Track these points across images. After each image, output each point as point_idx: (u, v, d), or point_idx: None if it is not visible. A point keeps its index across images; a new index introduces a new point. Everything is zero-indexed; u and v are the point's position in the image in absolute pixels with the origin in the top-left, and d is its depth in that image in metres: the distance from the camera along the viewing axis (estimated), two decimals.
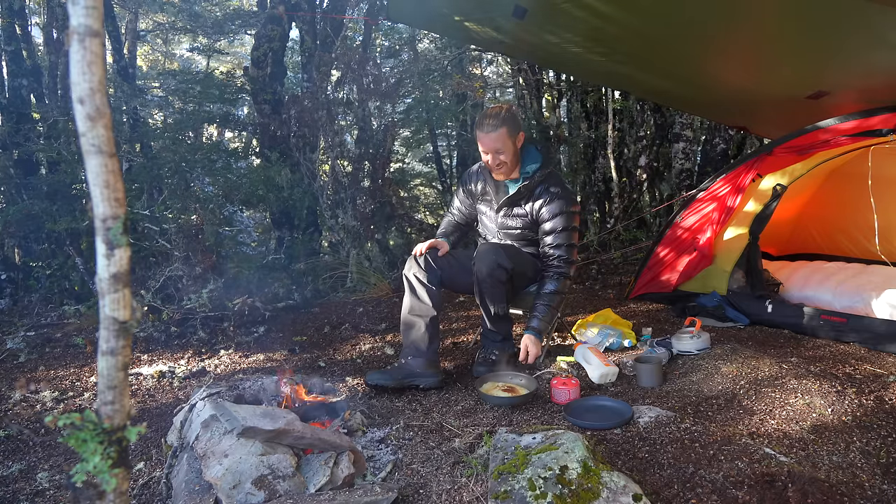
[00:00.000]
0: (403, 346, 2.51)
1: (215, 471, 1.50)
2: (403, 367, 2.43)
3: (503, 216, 2.66)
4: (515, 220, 2.63)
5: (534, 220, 2.61)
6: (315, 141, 5.00)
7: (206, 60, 9.25)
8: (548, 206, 2.55)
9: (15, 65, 4.53)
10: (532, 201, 2.58)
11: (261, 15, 5.41)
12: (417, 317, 2.48)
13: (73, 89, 0.75)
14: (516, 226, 2.64)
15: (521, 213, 2.62)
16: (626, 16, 2.79)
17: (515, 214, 2.63)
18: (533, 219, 2.60)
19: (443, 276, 2.56)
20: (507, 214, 2.65)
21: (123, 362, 0.82)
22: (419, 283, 2.51)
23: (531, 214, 2.60)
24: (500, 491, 1.43)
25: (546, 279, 2.56)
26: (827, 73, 2.94)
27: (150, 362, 2.91)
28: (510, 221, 2.65)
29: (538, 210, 2.58)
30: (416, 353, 2.43)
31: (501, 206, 2.64)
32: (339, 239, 4.92)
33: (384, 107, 5.22)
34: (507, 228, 2.67)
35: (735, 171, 3.43)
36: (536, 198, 2.57)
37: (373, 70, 5.01)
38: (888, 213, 3.29)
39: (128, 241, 0.79)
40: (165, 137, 4.39)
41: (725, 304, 3.23)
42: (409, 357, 2.44)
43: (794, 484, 1.46)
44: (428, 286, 2.50)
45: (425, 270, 2.51)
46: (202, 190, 4.23)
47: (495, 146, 2.47)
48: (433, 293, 2.50)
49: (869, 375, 2.27)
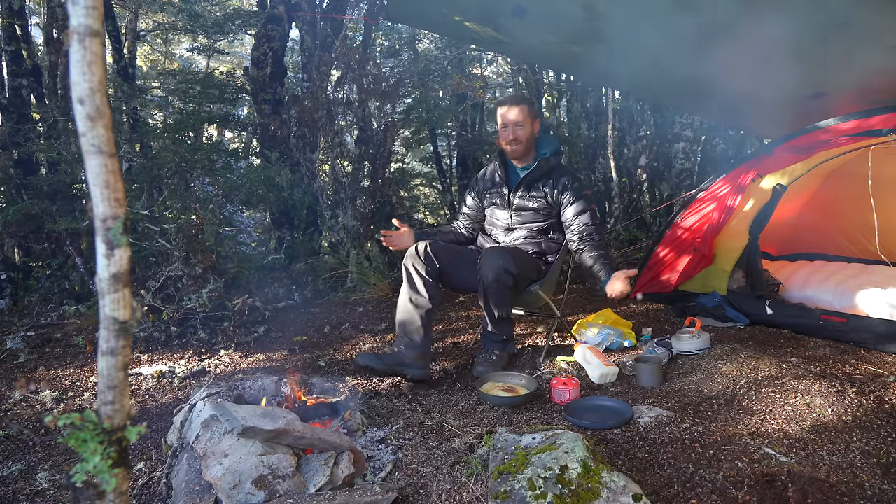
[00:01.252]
0: (397, 334, 2.53)
1: (215, 471, 1.50)
2: (395, 354, 2.46)
3: (519, 198, 2.73)
4: (532, 201, 2.72)
5: (552, 203, 2.70)
6: (315, 141, 5.00)
7: (206, 60, 9.24)
8: (569, 191, 2.68)
9: (15, 65, 4.52)
10: (550, 185, 2.69)
11: (261, 15, 5.40)
12: (414, 307, 2.50)
13: (73, 89, 0.75)
14: (532, 206, 2.72)
15: (539, 196, 2.71)
16: (625, 15, 2.79)
17: (532, 196, 2.71)
18: (552, 201, 2.70)
19: (442, 272, 2.57)
20: (524, 196, 2.72)
21: (123, 362, 0.82)
22: (418, 275, 2.52)
23: (550, 197, 2.70)
24: (500, 491, 1.43)
25: (587, 248, 2.65)
26: (827, 73, 2.94)
27: (150, 362, 2.90)
28: (527, 203, 2.72)
29: (558, 195, 2.69)
30: (409, 344, 2.46)
31: (518, 187, 2.72)
32: (339, 239, 4.92)
33: (384, 107, 5.21)
34: (522, 210, 2.73)
35: (735, 171, 3.43)
36: (554, 184, 2.69)
37: (373, 70, 5.01)
38: (888, 213, 3.29)
39: (128, 241, 0.79)
40: (165, 137, 4.38)
41: (725, 304, 3.23)
42: (401, 346, 2.47)
43: (794, 484, 1.46)
44: (426, 278, 2.51)
45: (424, 262, 2.53)
46: (202, 190, 4.23)
47: (515, 119, 2.62)
48: (431, 286, 2.51)
49: (869, 375, 2.27)
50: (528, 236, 2.73)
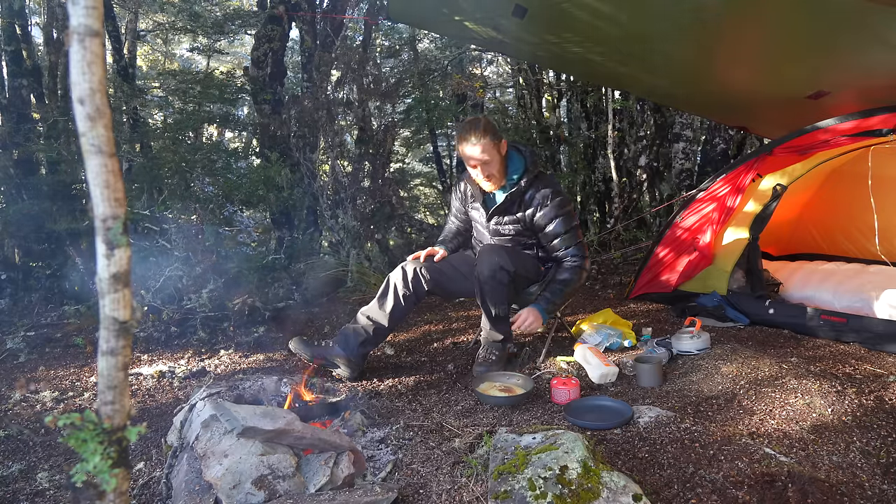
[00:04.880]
0: (341, 331, 2.55)
1: (215, 471, 1.50)
2: (326, 349, 2.49)
3: (495, 224, 2.64)
4: (507, 227, 2.62)
5: (528, 226, 2.59)
6: (315, 141, 5.00)
7: (206, 60, 9.25)
8: (542, 211, 2.53)
9: (15, 65, 4.52)
10: (524, 209, 2.56)
11: (261, 15, 5.41)
12: (368, 320, 2.52)
13: (73, 89, 0.75)
14: (508, 233, 2.63)
15: (513, 221, 2.59)
16: (626, 16, 2.79)
17: (507, 222, 2.61)
18: (527, 225, 2.59)
19: (437, 284, 2.57)
20: (499, 223, 2.63)
21: (123, 362, 0.82)
22: (393, 295, 2.52)
23: (524, 221, 2.58)
24: (500, 491, 1.43)
25: (561, 269, 2.58)
26: (827, 73, 2.94)
27: (150, 362, 2.90)
28: (502, 229, 2.63)
29: (532, 217, 2.55)
30: (343, 347, 2.48)
31: (492, 216, 2.62)
32: (339, 239, 4.92)
33: (384, 107, 5.22)
34: (499, 235, 2.65)
35: (735, 171, 3.43)
36: (528, 205, 2.55)
37: (373, 70, 5.02)
38: (888, 213, 3.29)
39: (128, 241, 0.79)
40: (165, 137, 4.39)
41: (725, 304, 3.23)
42: (337, 344, 2.49)
43: (794, 484, 1.46)
44: (399, 302, 2.51)
45: (405, 287, 2.52)
46: (202, 190, 4.23)
47: (483, 158, 2.43)
48: (398, 310, 2.52)
49: (869, 375, 2.27)
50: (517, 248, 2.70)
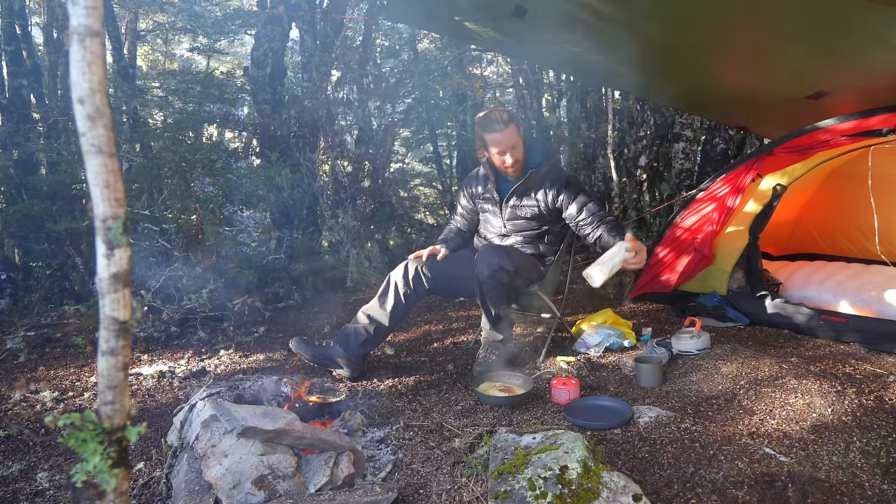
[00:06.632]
0: (341, 331, 2.57)
1: (215, 471, 1.50)
2: (328, 349, 2.51)
3: (512, 206, 2.70)
4: (525, 210, 2.69)
5: (548, 207, 2.66)
6: (315, 141, 5.00)
7: (206, 60, 9.24)
8: (565, 192, 2.63)
9: (15, 65, 4.52)
10: (544, 190, 2.65)
11: (261, 15, 5.40)
12: (369, 319, 2.53)
13: (73, 89, 0.75)
14: (525, 215, 2.69)
15: (531, 204, 2.67)
16: (625, 16, 2.79)
17: (525, 205, 2.68)
18: (547, 206, 2.66)
19: (437, 283, 2.58)
20: (516, 206, 2.69)
21: (123, 362, 0.82)
22: (393, 294, 2.54)
23: (544, 203, 2.66)
24: (500, 491, 1.43)
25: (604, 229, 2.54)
26: (827, 73, 2.94)
27: (150, 362, 2.90)
28: (519, 211, 2.70)
29: (554, 199, 2.65)
30: (344, 346, 2.50)
31: (511, 196, 2.68)
32: (339, 239, 4.92)
33: (384, 107, 5.22)
34: (515, 219, 2.71)
35: (735, 171, 3.43)
36: (549, 187, 2.64)
37: (373, 70, 5.02)
38: (888, 213, 3.29)
39: (128, 241, 0.79)
40: (165, 137, 4.38)
41: (725, 304, 3.23)
42: (338, 345, 2.51)
43: (794, 484, 1.46)
44: (400, 301, 2.53)
45: (406, 286, 2.54)
46: (202, 190, 4.23)
47: (511, 142, 2.53)
48: (399, 309, 2.53)
49: (869, 375, 2.27)
50: (523, 241, 2.73)
